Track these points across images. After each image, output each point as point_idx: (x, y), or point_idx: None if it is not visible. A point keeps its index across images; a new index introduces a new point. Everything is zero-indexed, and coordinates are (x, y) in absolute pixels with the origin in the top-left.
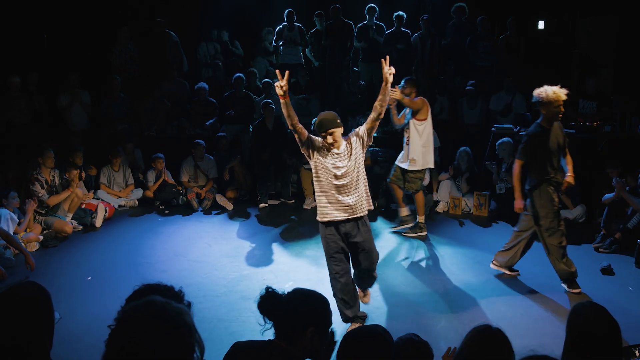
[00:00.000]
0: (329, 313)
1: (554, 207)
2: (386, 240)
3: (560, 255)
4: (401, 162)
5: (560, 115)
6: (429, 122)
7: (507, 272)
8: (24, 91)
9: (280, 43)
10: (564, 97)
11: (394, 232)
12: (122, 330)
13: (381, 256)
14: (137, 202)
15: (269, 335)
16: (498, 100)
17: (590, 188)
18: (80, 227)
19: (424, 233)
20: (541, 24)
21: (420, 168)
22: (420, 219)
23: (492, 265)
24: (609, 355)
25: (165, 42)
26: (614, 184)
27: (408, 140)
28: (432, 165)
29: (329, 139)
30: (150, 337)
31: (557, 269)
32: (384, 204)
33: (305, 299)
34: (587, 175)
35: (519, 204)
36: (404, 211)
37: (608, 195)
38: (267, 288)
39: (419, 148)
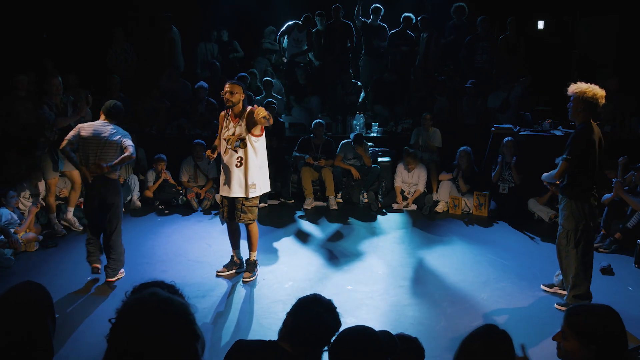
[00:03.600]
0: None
1: None
2: (385, 241)
3: None
4: (229, 192)
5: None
6: (264, 139)
7: None
8: (28, 90)
9: (286, 37)
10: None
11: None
12: (128, 320)
13: (380, 256)
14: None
15: (271, 335)
16: (495, 97)
17: None
18: (81, 228)
19: (257, 272)
20: (541, 24)
21: (260, 194)
22: (254, 254)
23: None
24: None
25: (164, 39)
26: (613, 185)
27: (240, 162)
28: (269, 189)
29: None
30: (157, 325)
31: None
32: (388, 203)
33: (333, 323)
34: None
35: None
36: (254, 255)
37: (607, 196)
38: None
39: (256, 170)
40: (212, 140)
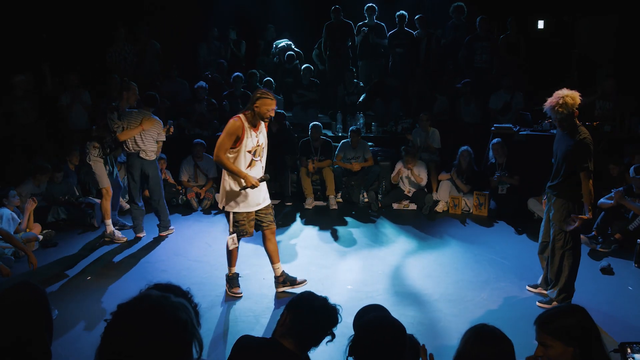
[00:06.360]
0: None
1: None
2: (385, 241)
3: None
4: (265, 202)
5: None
6: None
7: None
8: (27, 90)
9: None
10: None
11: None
12: (117, 323)
13: (381, 256)
14: None
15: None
16: (497, 98)
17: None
18: (125, 239)
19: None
20: (541, 24)
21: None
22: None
23: None
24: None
25: (145, 51)
26: (613, 194)
27: (263, 170)
28: None
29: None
30: (143, 331)
31: None
32: (388, 202)
33: (332, 318)
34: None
35: None
36: (280, 266)
37: (605, 201)
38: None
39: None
40: (212, 140)
